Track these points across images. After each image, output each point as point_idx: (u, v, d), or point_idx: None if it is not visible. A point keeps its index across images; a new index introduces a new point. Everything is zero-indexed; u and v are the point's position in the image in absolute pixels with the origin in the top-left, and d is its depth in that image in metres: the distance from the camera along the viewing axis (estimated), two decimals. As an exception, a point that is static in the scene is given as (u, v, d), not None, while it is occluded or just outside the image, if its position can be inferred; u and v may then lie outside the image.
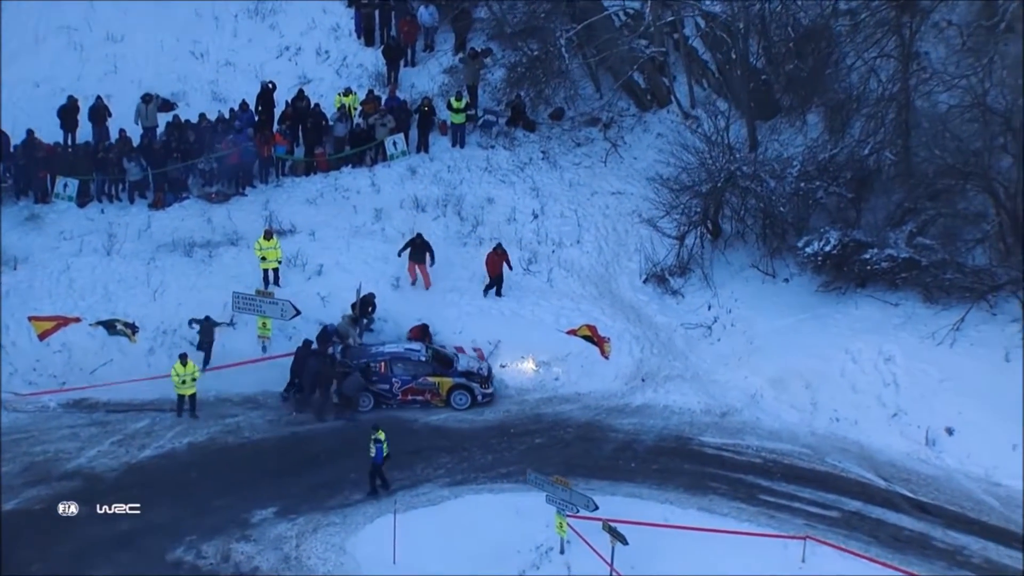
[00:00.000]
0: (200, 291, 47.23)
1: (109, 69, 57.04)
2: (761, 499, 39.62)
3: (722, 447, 42.11)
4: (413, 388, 43.99)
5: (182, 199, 51.71)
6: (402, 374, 44.21)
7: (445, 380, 44.01)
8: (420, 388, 44.02)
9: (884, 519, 38.71)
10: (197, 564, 37.64)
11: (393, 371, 44.15)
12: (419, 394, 44.00)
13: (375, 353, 44.57)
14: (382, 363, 44.02)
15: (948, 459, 40.49)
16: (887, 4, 45.02)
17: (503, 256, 47.34)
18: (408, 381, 43.94)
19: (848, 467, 40.85)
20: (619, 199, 50.49)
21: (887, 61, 45.95)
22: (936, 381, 41.73)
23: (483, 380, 44.27)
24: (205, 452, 42.31)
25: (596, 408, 44.16)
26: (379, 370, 43.98)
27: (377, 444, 39.21)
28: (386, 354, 44.44)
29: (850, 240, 43.94)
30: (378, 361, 44.15)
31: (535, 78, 53.44)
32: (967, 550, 37.41)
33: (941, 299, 43.43)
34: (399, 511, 38.49)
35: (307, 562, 37.94)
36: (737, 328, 45.51)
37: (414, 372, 44.34)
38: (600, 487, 39.80)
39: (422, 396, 44.02)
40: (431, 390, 44.00)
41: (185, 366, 42.79)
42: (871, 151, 45.46)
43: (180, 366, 42.76)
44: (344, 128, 52.83)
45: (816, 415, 42.71)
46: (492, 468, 41.27)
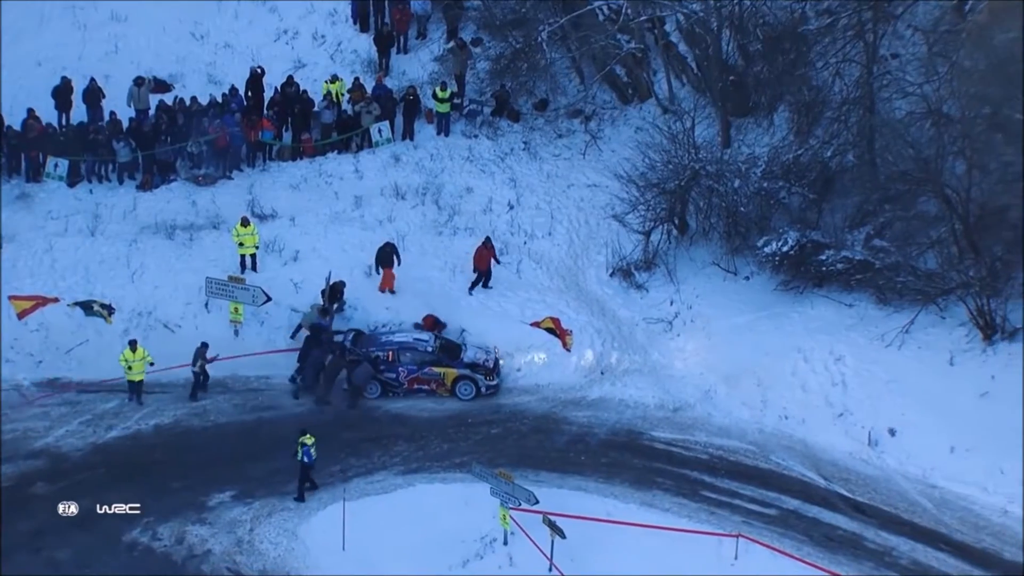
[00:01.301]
0: (178, 274, 48.42)
1: (110, 49, 58.39)
2: (703, 495, 40.67)
3: (671, 442, 43.03)
4: (419, 378, 45.28)
5: (170, 181, 52.75)
6: (409, 363, 45.34)
7: (450, 371, 45.16)
8: (426, 378, 45.27)
9: (820, 518, 39.68)
10: (152, 546, 39.06)
11: (400, 360, 45.30)
12: (425, 384, 45.24)
13: (384, 342, 45.65)
14: (390, 352, 45.29)
15: (888, 460, 41.26)
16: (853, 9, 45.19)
17: (491, 250, 48.18)
18: (414, 371, 45.26)
19: (791, 465, 41.69)
20: (594, 192, 51.34)
21: (853, 65, 46.27)
22: (882, 382, 42.45)
23: (488, 372, 45.12)
24: (170, 434, 43.63)
25: (554, 400, 45.20)
26: (387, 359, 45.17)
27: (304, 448, 40.02)
28: (394, 343, 45.61)
29: (808, 241, 44.68)
30: (386, 350, 45.25)
31: (516, 70, 53.69)
32: (896, 551, 38.41)
33: (894, 301, 44.11)
34: (352, 498, 39.88)
35: (259, 546, 39.27)
36: (696, 324, 46.31)
37: (420, 362, 45.37)
38: (549, 479, 41.14)
39: (428, 386, 45.25)
40: (437, 380, 45.23)
41: (135, 352, 43.61)
42: (834, 153, 45.84)
43: (130, 352, 43.93)
44: (331, 115, 53.81)
45: (766, 412, 43.59)
46: (447, 457, 42.39)
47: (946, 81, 42.96)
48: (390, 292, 48.01)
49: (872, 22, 45.52)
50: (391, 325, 47.31)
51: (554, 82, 54.62)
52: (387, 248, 47.73)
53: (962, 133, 41.85)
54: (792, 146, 47.45)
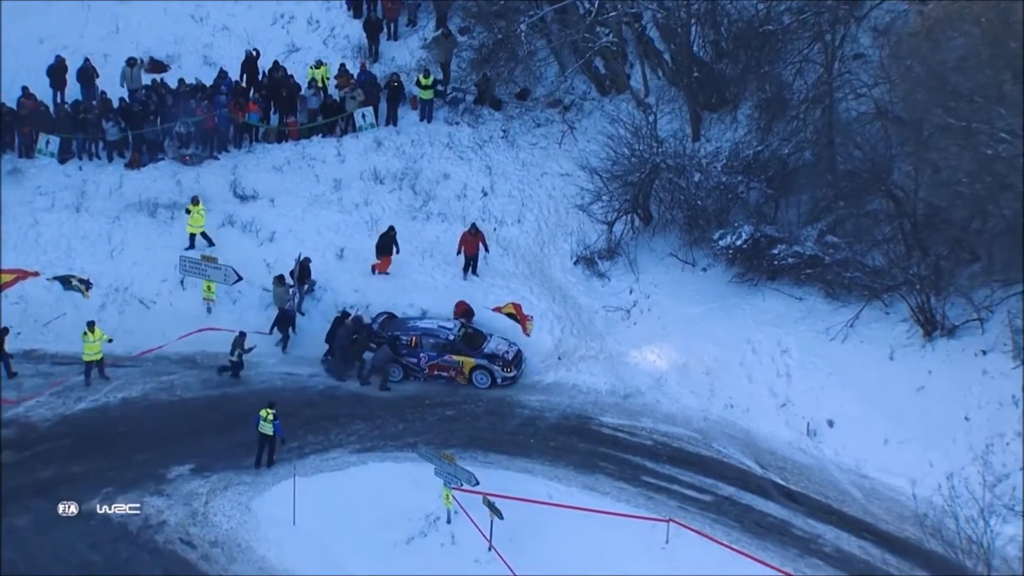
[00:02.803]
0: (156, 251, 50.23)
1: (111, 29, 60.12)
2: (643, 480, 41.98)
3: (618, 428, 44.39)
4: (439, 364, 46.75)
5: (157, 160, 54.44)
6: (430, 350, 46.78)
7: (468, 360, 46.38)
8: (445, 365, 46.74)
9: (753, 505, 40.94)
10: (109, 515, 40.60)
11: (422, 346, 46.78)
12: (444, 371, 46.70)
13: (410, 327, 47.27)
14: (413, 337, 46.81)
15: (825, 450, 42.47)
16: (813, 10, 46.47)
17: (478, 236, 49.79)
18: (435, 357, 46.71)
19: (731, 453, 43.02)
20: (566, 181, 52.58)
21: (815, 65, 47.55)
22: (825, 375, 43.69)
23: (506, 364, 46.17)
24: (136, 407, 45.34)
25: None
26: (409, 344, 46.75)
27: (275, 422, 41.68)
28: (418, 329, 47.13)
29: (761, 235, 45.96)
30: (409, 335, 46.81)
31: (497, 60, 55.07)
32: (822, 539, 39.65)
33: (842, 296, 45.31)
34: (307, 475, 41.67)
35: (213, 518, 40.87)
36: (653, 313, 47.64)
37: (441, 349, 46.76)
38: (497, 460, 42.64)
39: (447, 373, 46.69)
40: (455, 368, 46.66)
41: (93, 333, 45.29)
42: (791, 151, 47.10)
43: (88, 333, 45.47)
44: (317, 100, 55.24)
45: (712, 401, 44.85)
46: (401, 437, 43.90)
47: (895, 84, 43.63)
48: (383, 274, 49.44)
49: (831, 23, 46.18)
50: (428, 312, 49.25)
51: (533, 73, 55.43)
52: (390, 233, 49.06)
53: (910, 135, 42.28)
54: (753, 142, 48.11)
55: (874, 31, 48.33)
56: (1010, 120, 38.52)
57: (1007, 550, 36.64)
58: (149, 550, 39.76)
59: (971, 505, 36.84)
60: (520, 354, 46.48)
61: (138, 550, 39.66)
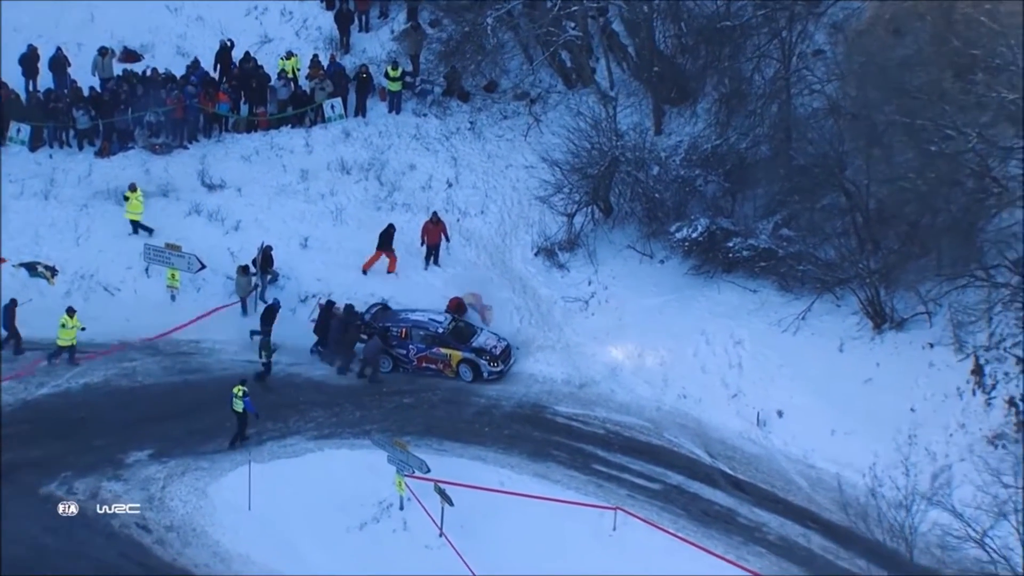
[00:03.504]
0: (123, 239, 50.97)
1: (86, 19, 60.27)
2: (594, 468, 42.67)
3: (572, 417, 45.04)
4: (427, 356, 47.29)
5: (127, 149, 55.05)
6: (419, 342, 47.34)
7: (456, 353, 46.82)
8: (433, 357, 47.23)
9: (700, 494, 41.69)
10: (67, 499, 41.27)
11: (412, 338, 47.33)
12: (432, 363, 47.23)
13: (401, 319, 47.86)
14: (403, 329, 47.46)
15: (774, 440, 43.19)
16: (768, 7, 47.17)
17: (440, 225, 50.42)
18: (423, 349, 47.27)
19: (682, 442, 43.71)
20: (530, 173, 53.00)
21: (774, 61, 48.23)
22: (776, 366, 44.39)
23: (493, 359, 46.48)
24: (98, 393, 46.02)
25: (467, 373, 46.45)
26: (399, 335, 47.36)
27: (245, 399, 42.63)
28: (409, 321, 47.74)
29: (717, 228, 46.59)
30: (400, 327, 47.46)
31: (463, 53, 55.68)
32: (766, 527, 40.45)
33: (795, 288, 45.95)
34: (264, 461, 42.48)
35: (169, 503, 41.72)
36: (611, 304, 48.23)
37: (430, 341, 47.32)
38: (452, 448, 43.37)
39: (435, 365, 47.21)
40: (443, 361, 47.15)
41: (72, 318, 45.95)
42: (749, 145, 47.76)
43: (67, 318, 46.17)
44: (287, 91, 55.89)
45: (666, 391, 45.49)
46: (358, 425, 44.58)
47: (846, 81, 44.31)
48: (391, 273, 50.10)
49: (788, 20, 46.83)
50: (421, 305, 49.55)
51: (499, 65, 55.98)
52: (390, 230, 49.86)
53: (862, 131, 42.95)
54: (711, 136, 48.77)
55: (831, 28, 48.41)
56: (954, 117, 38.78)
57: (930, 536, 37.42)
58: (105, 534, 40.52)
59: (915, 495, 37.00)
60: (509, 350, 46.76)
61: (93, 534, 40.39)
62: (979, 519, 35.10)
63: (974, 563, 34.70)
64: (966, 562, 36.19)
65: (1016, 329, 41.30)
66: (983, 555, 33.57)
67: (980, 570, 33.75)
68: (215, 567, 39.86)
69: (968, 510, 35.26)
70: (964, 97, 38.85)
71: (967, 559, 35.99)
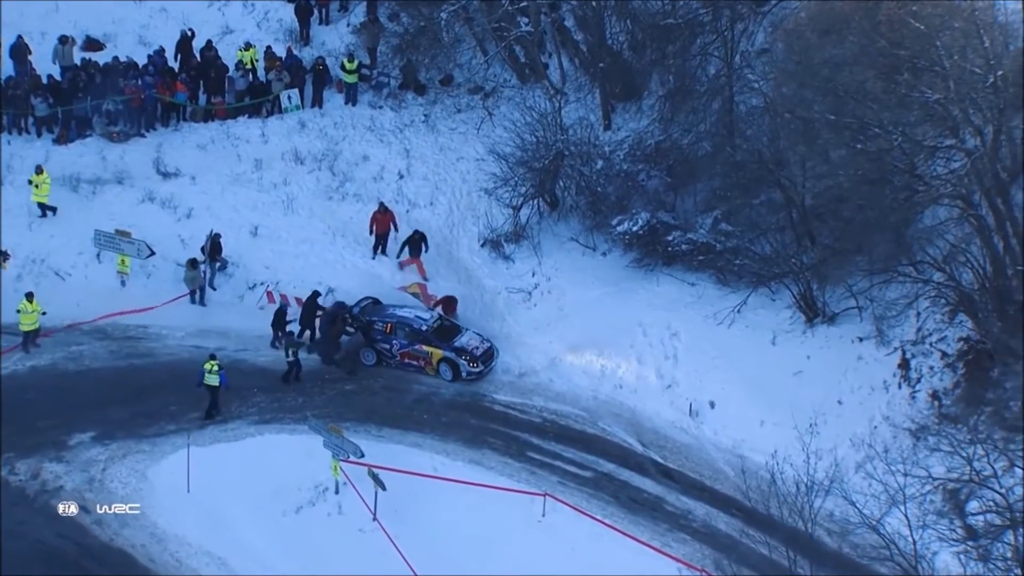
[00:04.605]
0: (75, 225, 51.60)
1: (51, 8, 60.85)
2: (528, 456, 43.65)
3: (510, 405, 46.05)
4: (409, 353, 47.90)
5: (85, 136, 55.69)
6: (402, 338, 47.98)
7: (437, 352, 47.40)
8: (415, 354, 47.82)
9: (630, 482, 42.60)
10: (8, 479, 42.36)
11: (396, 334, 47.98)
12: (414, 359, 47.81)
13: (388, 315, 48.53)
14: (388, 324, 48.10)
15: (705, 430, 44.15)
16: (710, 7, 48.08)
17: (388, 215, 51.24)
18: (406, 346, 47.87)
19: (615, 431, 44.62)
20: (480, 166, 53.80)
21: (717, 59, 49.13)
22: (710, 358, 45.29)
23: (473, 359, 46.64)
24: (44, 376, 46.81)
25: (411, 360, 47.32)
26: (384, 330, 48.05)
27: (220, 372, 43.79)
28: (394, 317, 48.40)
29: (657, 222, 47.39)
30: (385, 322, 48.09)
31: (419, 46, 56.50)
32: (692, 515, 41.41)
33: (732, 282, 46.79)
34: (205, 444, 43.47)
35: (109, 484, 42.55)
36: (553, 295, 49.07)
37: (413, 338, 47.96)
38: (390, 435, 44.41)
39: (416, 362, 47.78)
40: (424, 358, 47.72)
41: (31, 303, 46.91)
42: (691, 141, 48.63)
43: (26, 303, 47.07)
44: (245, 81, 56.74)
45: (603, 381, 46.39)
46: (300, 410, 45.36)
47: (776, 80, 45.22)
48: (424, 279, 51.01)
49: (730, 20, 47.69)
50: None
51: (453, 60, 56.77)
52: (416, 236, 50.64)
53: (797, 128, 43.78)
54: (655, 132, 49.57)
55: (771, 28, 49.28)
56: (880, 115, 39.61)
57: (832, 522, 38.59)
58: (45, 514, 41.42)
59: (835, 483, 37.74)
60: (491, 351, 47.10)
61: (33, 513, 41.23)
62: (871, 505, 35.41)
63: (873, 548, 35.04)
64: (866, 547, 36.61)
65: (942, 325, 41.55)
66: (879, 540, 33.95)
67: (877, 554, 34.21)
68: (151, 548, 40.84)
69: (863, 497, 35.60)
70: (886, 97, 39.17)
71: (867, 543, 36.34)
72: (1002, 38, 40.06)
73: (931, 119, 40.14)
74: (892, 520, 33.58)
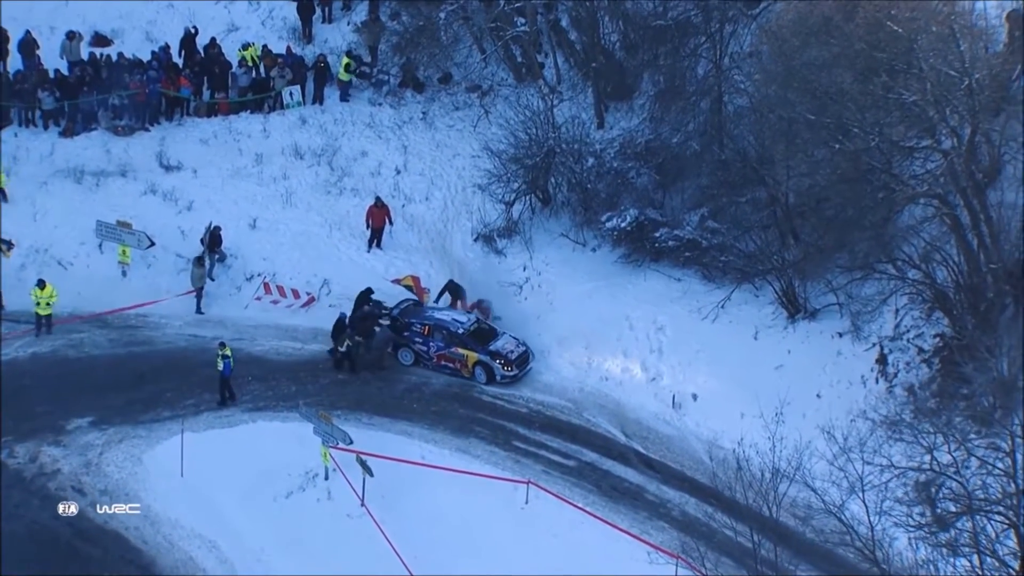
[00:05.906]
0: (78, 216, 52.73)
1: (60, 4, 62.19)
2: (514, 445, 44.69)
3: (498, 396, 47.08)
4: (445, 355, 48.73)
5: (91, 130, 56.90)
6: (439, 340, 48.88)
7: (472, 355, 48.07)
8: (451, 356, 48.67)
9: (612, 471, 43.64)
10: (7, 462, 43.44)
11: (433, 336, 48.89)
12: (450, 362, 48.62)
13: (426, 317, 49.47)
14: (426, 327, 49.00)
15: (687, 421, 45.21)
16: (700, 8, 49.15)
17: (384, 209, 52.33)
18: (442, 348, 48.69)
19: (600, 422, 45.66)
20: (476, 163, 54.79)
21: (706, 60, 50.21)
22: (694, 351, 46.32)
23: (507, 363, 47.17)
24: (45, 363, 47.93)
25: (403, 351, 48.41)
26: (422, 332, 48.99)
27: (225, 359, 44.87)
28: (432, 319, 49.25)
29: (645, 219, 48.46)
30: (424, 324, 49.06)
31: (418, 45, 57.62)
32: (670, 503, 42.44)
33: (717, 278, 47.90)
34: (199, 430, 44.55)
35: (105, 468, 43.65)
36: (543, 289, 50.22)
37: (449, 341, 48.82)
38: (380, 423, 45.48)
39: (452, 364, 48.63)
40: (460, 360, 48.59)
41: (43, 290, 48.27)
42: (681, 140, 49.73)
43: (38, 290, 48.44)
44: (248, 78, 57.94)
45: (589, 373, 47.49)
46: (293, 398, 46.45)
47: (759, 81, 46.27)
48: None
49: (720, 21, 48.79)
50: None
51: (451, 58, 57.87)
52: (451, 286, 51.38)
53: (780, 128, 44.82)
54: (646, 131, 50.66)
55: (758, 30, 50.32)
56: (859, 116, 40.62)
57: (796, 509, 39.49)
58: (41, 496, 42.58)
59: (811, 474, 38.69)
60: (526, 355, 47.50)
61: (30, 496, 42.42)
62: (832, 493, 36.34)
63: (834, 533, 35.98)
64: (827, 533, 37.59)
65: (920, 321, 42.58)
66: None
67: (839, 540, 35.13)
68: (144, 530, 41.92)
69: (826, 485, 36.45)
70: (864, 98, 40.16)
71: (828, 529, 37.30)
72: (979, 42, 40.68)
73: (908, 120, 40.94)
74: (855, 507, 34.03)
